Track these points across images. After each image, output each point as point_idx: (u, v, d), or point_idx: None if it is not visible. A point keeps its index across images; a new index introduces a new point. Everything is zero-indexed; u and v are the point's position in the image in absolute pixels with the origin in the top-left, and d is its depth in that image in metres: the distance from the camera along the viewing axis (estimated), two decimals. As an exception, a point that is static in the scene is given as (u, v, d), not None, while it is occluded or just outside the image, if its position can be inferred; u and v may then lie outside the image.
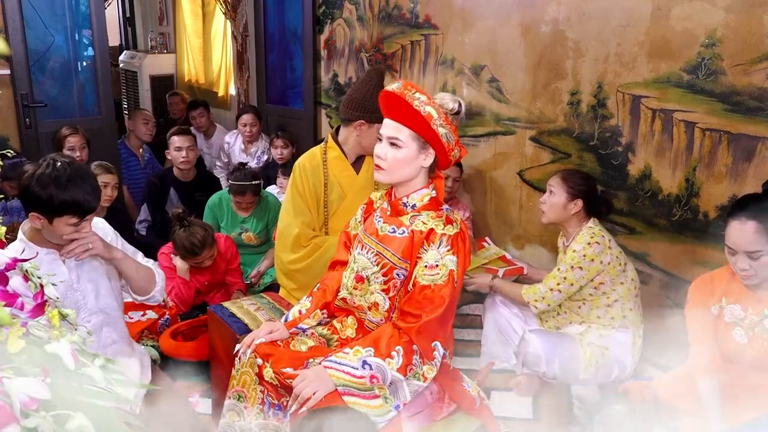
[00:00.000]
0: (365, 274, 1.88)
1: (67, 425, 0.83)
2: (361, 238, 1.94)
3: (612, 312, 2.49)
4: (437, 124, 1.71)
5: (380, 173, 1.80)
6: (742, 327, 1.89)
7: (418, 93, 1.72)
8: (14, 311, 0.97)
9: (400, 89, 1.73)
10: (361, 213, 2.04)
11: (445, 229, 1.77)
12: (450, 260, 1.74)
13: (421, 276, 1.75)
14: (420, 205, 1.82)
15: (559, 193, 2.49)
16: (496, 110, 3.28)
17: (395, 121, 1.76)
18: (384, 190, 1.99)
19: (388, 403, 1.67)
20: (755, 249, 1.78)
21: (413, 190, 1.83)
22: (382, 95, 1.78)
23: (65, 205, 1.75)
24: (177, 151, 3.76)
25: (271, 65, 5.15)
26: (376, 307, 1.88)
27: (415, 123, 1.72)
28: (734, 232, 1.82)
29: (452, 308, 1.78)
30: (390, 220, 1.86)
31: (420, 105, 1.70)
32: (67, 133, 3.72)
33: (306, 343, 1.92)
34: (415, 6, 3.64)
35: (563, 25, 2.87)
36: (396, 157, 1.76)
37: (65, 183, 1.74)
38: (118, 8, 7.88)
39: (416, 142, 1.75)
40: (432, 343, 1.73)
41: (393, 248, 1.82)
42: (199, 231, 2.85)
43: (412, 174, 1.80)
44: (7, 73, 3.72)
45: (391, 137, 1.76)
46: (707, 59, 2.37)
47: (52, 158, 1.79)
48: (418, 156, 1.77)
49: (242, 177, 3.40)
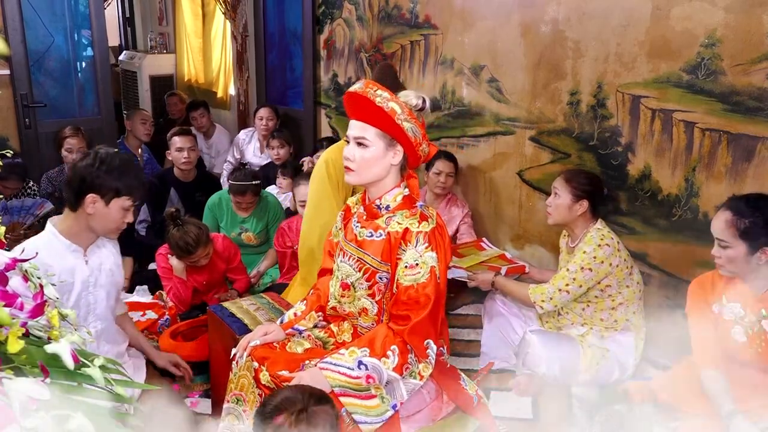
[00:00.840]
0: (350, 281, 1.88)
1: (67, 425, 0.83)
2: (342, 246, 1.93)
3: (615, 315, 2.48)
4: (401, 118, 1.72)
5: (350, 174, 1.81)
6: (742, 325, 1.90)
7: (380, 90, 1.74)
8: (14, 311, 0.97)
9: (362, 88, 1.75)
10: (341, 220, 2.02)
11: (420, 226, 1.76)
12: (429, 257, 1.73)
13: (403, 277, 1.75)
14: (394, 206, 1.82)
15: (564, 194, 2.48)
16: (495, 110, 3.28)
17: (360, 121, 1.77)
18: (359, 195, 1.98)
19: (385, 403, 1.67)
20: (722, 238, 1.87)
21: (385, 190, 1.83)
22: (346, 97, 1.80)
23: (128, 187, 1.95)
24: (178, 151, 3.76)
25: (270, 65, 5.15)
26: (366, 313, 1.88)
27: (380, 120, 1.73)
28: (715, 217, 1.91)
29: (439, 305, 1.78)
30: (366, 224, 1.86)
31: (383, 101, 1.71)
32: (68, 134, 3.73)
33: (302, 345, 1.92)
34: (415, 6, 3.64)
35: (563, 25, 2.87)
36: (364, 157, 1.77)
37: (126, 168, 1.97)
38: (118, 8, 7.87)
39: (383, 140, 1.76)
40: (424, 342, 1.73)
41: (372, 252, 1.82)
42: (193, 230, 2.84)
43: (382, 173, 1.80)
44: (7, 73, 3.72)
45: (357, 137, 1.77)
46: (707, 59, 2.37)
47: (105, 149, 1.99)
48: (386, 154, 1.78)
49: (242, 177, 3.40)
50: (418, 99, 1.79)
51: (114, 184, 1.92)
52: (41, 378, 0.87)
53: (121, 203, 1.95)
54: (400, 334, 1.71)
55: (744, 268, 1.86)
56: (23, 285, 1.03)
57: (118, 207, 1.95)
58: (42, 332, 1.01)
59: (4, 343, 0.90)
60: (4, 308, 0.93)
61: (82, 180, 1.92)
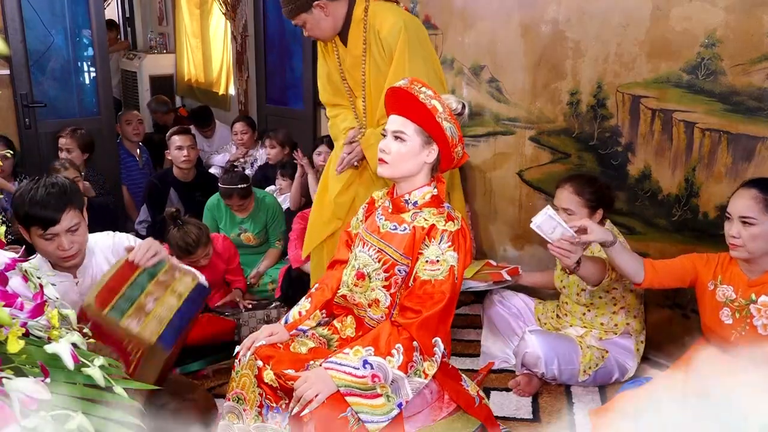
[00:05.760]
0: (366, 271, 1.88)
1: (67, 425, 0.83)
2: (362, 236, 1.95)
3: (616, 319, 2.48)
4: (442, 117, 1.75)
5: (383, 167, 1.82)
6: (730, 308, 1.95)
7: (425, 87, 1.77)
8: (14, 311, 0.97)
9: (406, 84, 1.78)
10: (363, 212, 2.04)
11: (446, 225, 1.78)
12: (451, 256, 1.75)
13: (422, 271, 1.76)
14: (421, 203, 1.84)
15: (580, 210, 2.38)
16: (495, 110, 3.28)
17: (401, 116, 1.80)
18: (386, 189, 2.00)
19: (391, 402, 1.67)
20: (748, 215, 1.85)
21: (415, 187, 1.85)
22: (388, 92, 1.83)
23: (26, 217, 1.77)
24: (178, 150, 3.76)
25: (270, 65, 5.14)
26: (376, 304, 1.88)
27: (421, 116, 1.76)
28: (736, 197, 1.90)
29: (452, 304, 1.79)
30: (391, 217, 1.88)
31: (426, 98, 1.74)
32: (62, 134, 3.74)
33: (306, 345, 1.92)
34: (415, 6, 3.64)
35: (563, 25, 2.87)
36: (400, 151, 1.79)
37: (30, 197, 1.77)
38: (118, 8, 7.88)
39: (421, 136, 1.79)
40: (432, 338, 1.74)
41: (395, 245, 1.83)
42: (194, 230, 2.83)
43: (415, 169, 1.82)
44: (7, 73, 3.73)
45: (396, 131, 1.80)
46: (707, 59, 2.37)
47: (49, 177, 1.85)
48: (422, 151, 1.80)
49: (229, 180, 3.39)
50: (458, 104, 1.83)
51: (19, 212, 1.78)
52: (41, 378, 0.87)
53: (35, 233, 1.79)
54: (408, 328, 1.71)
55: (764, 246, 1.87)
56: (23, 285, 1.03)
57: (36, 237, 1.80)
58: (42, 332, 1.01)
59: (4, 343, 0.90)
60: (4, 308, 0.93)
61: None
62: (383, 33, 2.33)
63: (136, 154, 4.57)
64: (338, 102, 2.57)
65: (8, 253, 1.02)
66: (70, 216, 1.81)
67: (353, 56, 2.43)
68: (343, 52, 2.46)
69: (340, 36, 2.43)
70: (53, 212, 1.77)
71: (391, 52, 2.31)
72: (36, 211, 1.76)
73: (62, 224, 1.79)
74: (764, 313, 1.87)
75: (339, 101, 2.57)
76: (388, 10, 2.39)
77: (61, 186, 1.82)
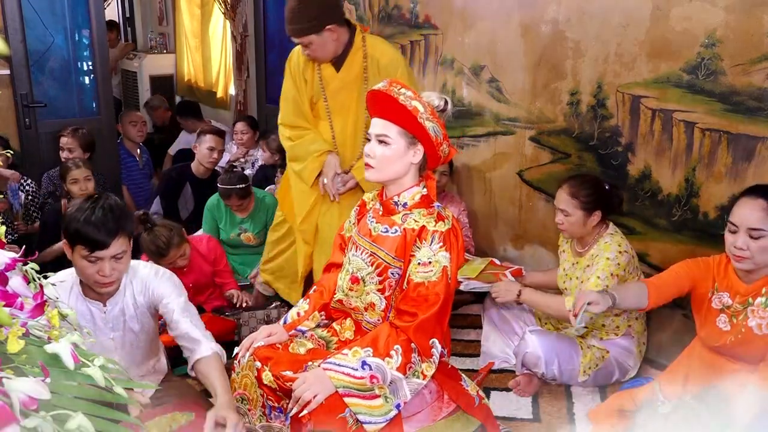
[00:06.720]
0: (360, 275, 1.88)
1: (67, 425, 0.83)
2: (354, 240, 1.94)
3: (617, 321, 2.48)
4: (424, 117, 1.73)
5: (370, 171, 1.82)
6: (727, 314, 1.94)
7: (404, 89, 1.75)
8: (14, 311, 0.97)
9: (386, 87, 1.76)
10: (355, 215, 2.04)
11: (436, 226, 1.77)
12: (443, 257, 1.75)
13: (415, 273, 1.75)
14: (411, 204, 1.83)
15: (574, 211, 2.41)
16: (495, 110, 3.28)
17: (383, 119, 1.79)
18: (376, 191, 1.99)
19: (389, 403, 1.67)
20: (758, 227, 1.79)
21: (404, 188, 1.84)
22: (369, 95, 1.81)
23: (76, 235, 1.71)
24: (209, 150, 3.80)
25: (270, 65, 5.14)
26: (372, 308, 1.88)
27: (403, 118, 1.74)
28: (743, 207, 1.83)
29: (448, 305, 1.79)
30: (382, 219, 1.87)
31: (406, 100, 1.73)
32: (63, 133, 3.74)
33: (305, 345, 1.92)
34: (415, 6, 3.64)
35: (563, 25, 2.87)
36: (385, 154, 1.78)
37: (87, 214, 1.72)
38: (118, 8, 7.88)
39: (404, 138, 1.77)
40: (430, 340, 1.74)
41: (386, 248, 1.83)
42: (164, 232, 2.76)
43: (402, 171, 1.81)
44: (7, 73, 3.73)
45: (379, 134, 1.79)
46: (707, 59, 2.37)
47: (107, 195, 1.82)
48: (407, 152, 1.79)
49: (227, 180, 3.38)
50: (440, 100, 1.81)
51: (69, 227, 1.73)
52: (41, 378, 0.86)
53: (79, 252, 1.74)
54: (406, 331, 1.71)
55: None
56: (23, 285, 1.03)
57: (78, 257, 1.74)
58: (42, 332, 1.01)
59: (4, 343, 0.90)
60: (4, 308, 0.93)
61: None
62: (383, 62, 2.55)
63: (136, 154, 4.56)
64: (300, 124, 2.71)
65: (8, 253, 1.02)
66: (120, 243, 1.75)
67: (342, 80, 2.57)
68: (329, 75, 2.58)
69: (332, 60, 2.56)
70: (105, 236, 1.72)
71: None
72: (88, 231, 1.70)
73: (110, 250, 1.73)
74: (759, 313, 1.86)
75: (301, 123, 2.71)
76: (383, 44, 2.65)
77: (117, 210, 1.77)
